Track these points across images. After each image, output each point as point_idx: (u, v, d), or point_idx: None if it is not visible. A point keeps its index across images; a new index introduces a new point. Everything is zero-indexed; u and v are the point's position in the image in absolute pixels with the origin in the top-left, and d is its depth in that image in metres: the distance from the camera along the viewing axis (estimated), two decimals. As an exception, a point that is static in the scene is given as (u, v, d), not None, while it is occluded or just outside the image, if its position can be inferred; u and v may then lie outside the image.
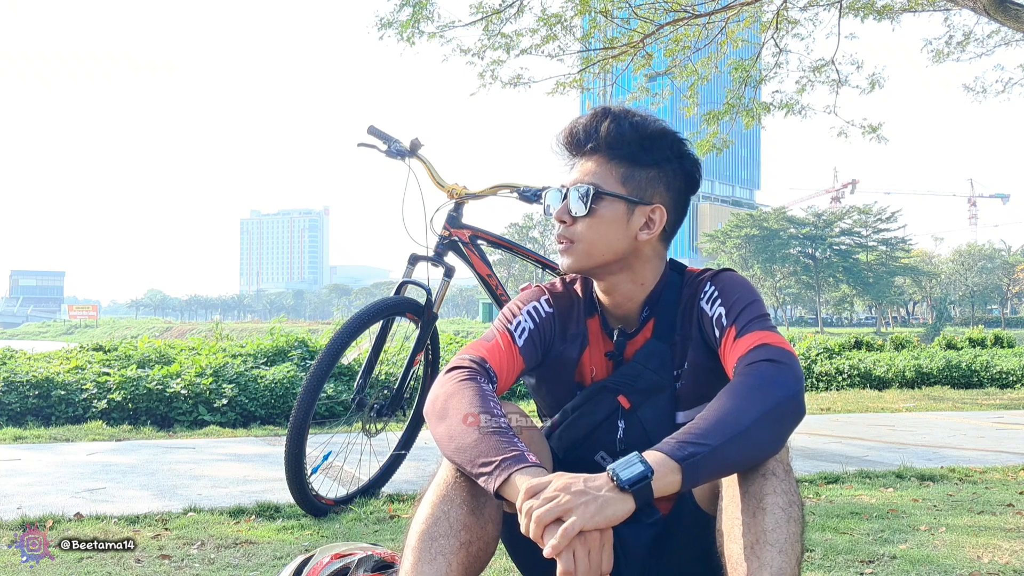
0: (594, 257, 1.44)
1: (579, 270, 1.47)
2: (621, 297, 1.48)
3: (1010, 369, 10.34)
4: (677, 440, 1.18)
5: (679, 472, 1.14)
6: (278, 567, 2.08)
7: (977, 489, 3.36)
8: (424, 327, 2.95)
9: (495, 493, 1.20)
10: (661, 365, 1.46)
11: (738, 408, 1.20)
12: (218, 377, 5.81)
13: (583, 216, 1.43)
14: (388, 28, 8.32)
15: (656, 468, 1.14)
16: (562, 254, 1.48)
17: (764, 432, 1.19)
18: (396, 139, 3.01)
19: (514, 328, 1.48)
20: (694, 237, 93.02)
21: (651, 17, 8.39)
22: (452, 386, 1.36)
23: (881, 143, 9.52)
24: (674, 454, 1.15)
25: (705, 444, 1.16)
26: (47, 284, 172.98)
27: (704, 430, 1.18)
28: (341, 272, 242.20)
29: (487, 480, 1.20)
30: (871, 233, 62.60)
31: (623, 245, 1.44)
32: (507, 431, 1.26)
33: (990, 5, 6.73)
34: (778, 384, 1.23)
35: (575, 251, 1.45)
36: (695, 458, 1.15)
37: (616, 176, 1.44)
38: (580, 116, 1.49)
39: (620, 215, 1.43)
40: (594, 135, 1.44)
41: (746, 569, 1.14)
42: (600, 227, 1.43)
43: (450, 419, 1.30)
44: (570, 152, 1.50)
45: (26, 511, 2.66)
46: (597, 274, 1.48)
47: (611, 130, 1.43)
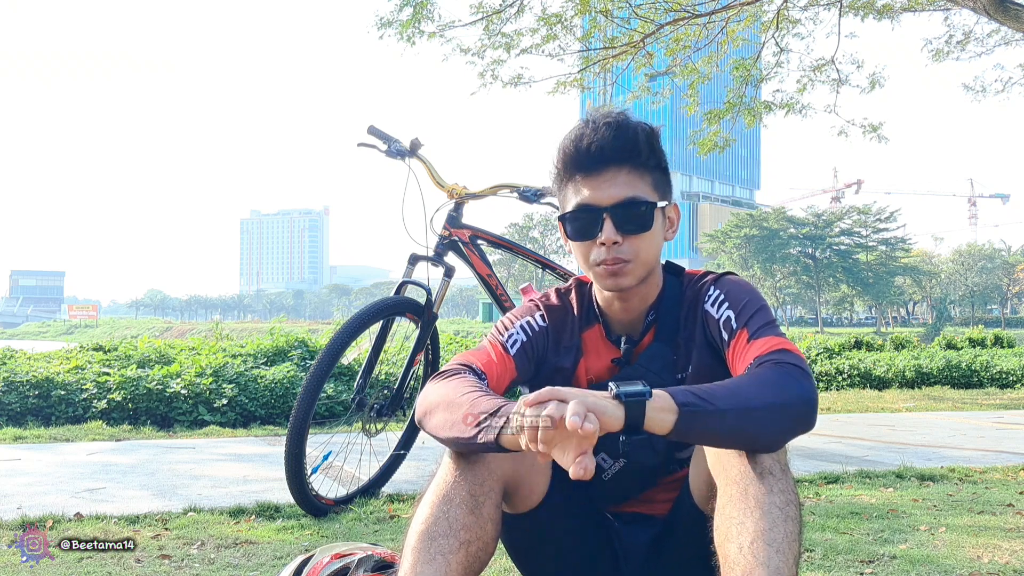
0: (648, 270, 1.43)
1: (632, 288, 1.43)
2: (636, 303, 1.48)
3: (1010, 369, 10.34)
4: (686, 388, 1.19)
5: (675, 413, 1.15)
6: (278, 567, 2.08)
7: (977, 489, 3.36)
8: (424, 327, 2.95)
9: (496, 441, 1.18)
10: (663, 367, 1.46)
11: (752, 389, 1.21)
12: (218, 377, 5.81)
13: (643, 232, 1.40)
14: (388, 28, 8.32)
15: (656, 397, 1.15)
16: (614, 275, 1.40)
17: (769, 419, 1.20)
18: (396, 139, 3.01)
19: (506, 339, 1.48)
20: (694, 237, 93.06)
21: (651, 17, 8.39)
22: (438, 384, 1.36)
23: (881, 143, 9.53)
24: (676, 396, 1.16)
25: (710, 403, 1.17)
26: (47, 284, 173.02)
27: (713, 393, 1.19)
28: (341, 272, 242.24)
29: (486, 432, 1.19)
30: (871, 233, 62.58)
31: (660, 252, 1.45)
32: (497, 397, 1.26)
33: (990, 5, 6.73)
34: (797, 386, 1.23)
35: (634, 269, 1.40)
36: (695, 408, 1.16)
37: (648, 184, 1.41)
38: (587, 128, 1.40)
39: (660, 223, 1.43)
40: (621, 147, 1.38)
41: (743, 568, 1.14)
42: (654, 239, 1.41)
43: (440, 406, 1.30)
44: (583, 168, 1.40)
45: (26, 511, 2.66)
46: (638, 288, 1.45)
47: (638, 140, 1.39)
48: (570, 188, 1.43)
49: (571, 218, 1.42)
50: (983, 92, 10.36)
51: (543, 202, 2.99)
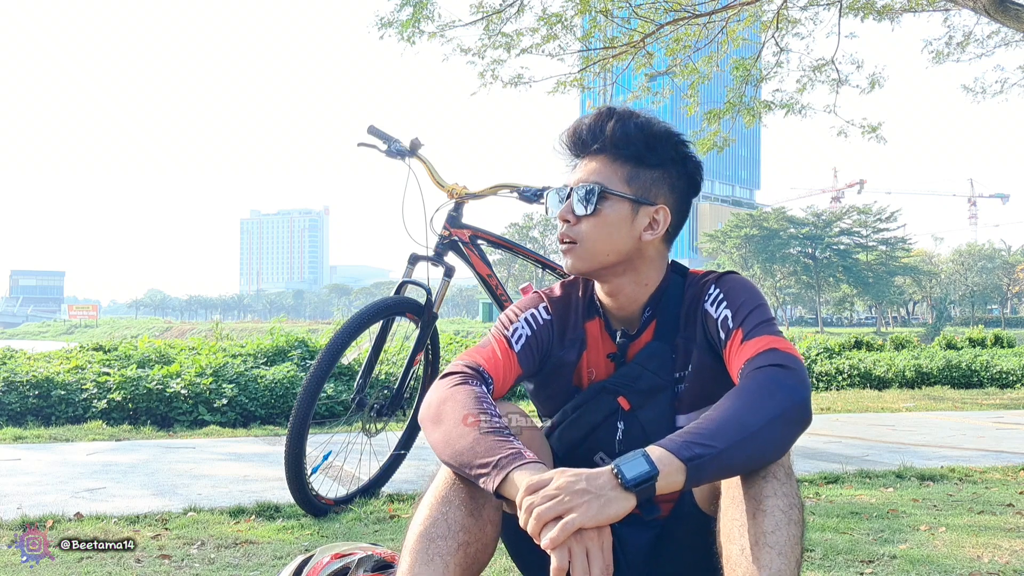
0: (598, 258, 1.43)
1: (582, 271, 1.45)
2: (624, 299, 1.48)
3: (1010, 369, 10.34)
4: (683, 439, 1.16)
5: (683, 472, 1.13)
6: (278, 567, 2.08)
7: (977, 489, 3.36)
8: (424, 327, 2.95)
9: (495, 492, 1.19)
10: (661, 366, 1.45)
11: (746, 411, 1.19)
12: (218, 377, 5.81)
13: (587, 216, 1.42)
14: (388, 28, 8.32)
15: (661, 467, 1.13)
16: (565, 255, 1.46)
17: (770, 437, 1.19)
18: (396, 139, 3.00)
19: (511, 334, 1.47)
20: (694, 237, 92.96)
21: (651, 16, 8.38)
22: (446, 391, 1.35)
23: (880, 143, 9.53)
24: (680, 453, 1.14)
25: (712, 446, 1.14)
26: (47, 284, 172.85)
27: (711, 431, 1.17)
28: (341, 272, 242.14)
29: (486, 480, 1.19)
30: (871, 233, 62.55)
31: (627, 246, 1.43)
32: (504, 431, 1.25)
33: (990, 5, 6.72)
34: (786, 389, 1.22)
35: (578, 251, 1.43)
36: (701, 459, 1.14)
37: (621, 176, 1.43)
38: (584, 116, 1.47)
39: (625, 215, 1.43)
40: (599, 135, 1.43)
41: (745, 570, 1.13)
42: (604, 227, 1.42)
43: (446, 423, 1.29)
44: (574, 152, 1.48)
45: (26, 511, 2.66)
46: (601, 275, 1.47)
47: (616, 130, 1.42)
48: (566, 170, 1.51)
49: (549, 193, 1.50)
50: (983, 93, 10.36)
51: (543, 202, 2.99)
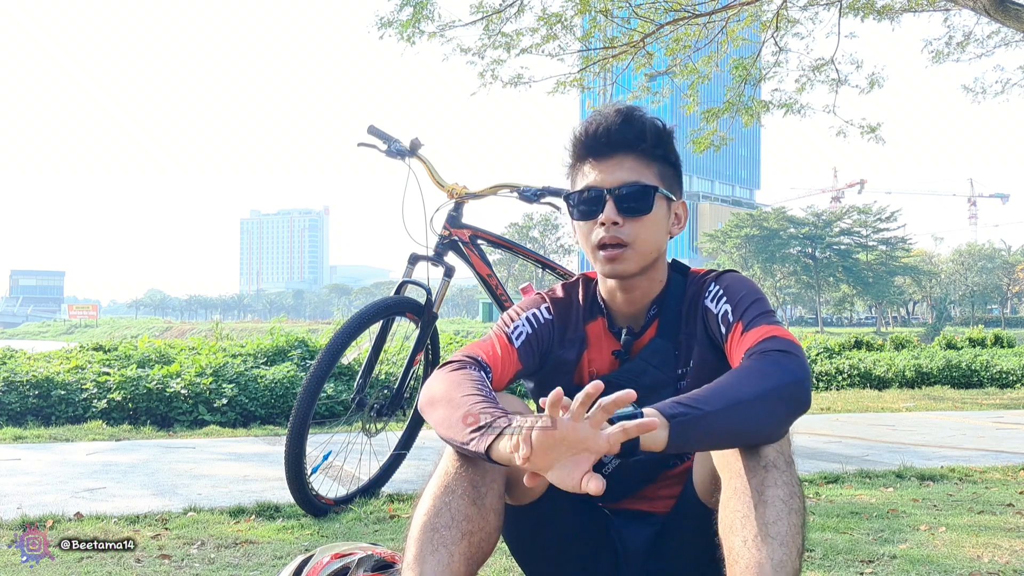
0: (647, 258, 1.44)
1: (631, 273, 1.44)
2: (639, 295, 1.49)
3: (1010, 369, 10.34)
4: (673, 400, 1.19)
5: (666, 428, 1.15)
6: (278, 567, 2.08)
7: (977, 489, 3.36)
8: (424, 327, 2.95)
9: (485, 453, 1.18)
10: (664, 362, 1.47)
11: (739, 383, 1.21)
12: (218, 377, 5.81)
13: (642, 216, 1.41)
14: (388, 28, 8.32)
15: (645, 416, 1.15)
16: (611, 261, 1.42)
17: (761, 409, 1.20)
18: (396, 139, 3.01)
19: (512, 331, 1.49)
20: (694, 237, 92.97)
21: (651, 16, 8.39)
22: (444, 376, 1.37)
23: (879, 143, 9.53)
24: (664, 410, 1.16)
25: (697, 408, 1.17)
26: (47, 284, 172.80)
27: (700, 397, 1.19)
28: (341, 272, 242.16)
29: (476, 442, 1.20)
30: (871, 233, 62.55)
31: (663, 243, 1.46)
32: (496, 404, 1.26)
33: (990, 5, 6.73)
34: (783, 368, 1.23)
35: (629, 255, 1.42)
36: (684, 418, 1.16)
37: (654, 174, 1.44)
38: (597, 116, 1.45)
39: (665, 213, 1.45)
40: (628, 134, 1.42)
41: (747, 561, 1.14)
42: (654, 226, 1.43)
43: (441, 402, 1.31)
44: (593, 153, 1.45)
45: (26, 511, 2.66)
46: (639, 276, 1.46)
47: (645, 129, 1.43)
48: (579, 173, 1.47)
49: (576, 198, 1.45)
50: (983, 93, 10.36)
51: (543, 202, 2.99)
